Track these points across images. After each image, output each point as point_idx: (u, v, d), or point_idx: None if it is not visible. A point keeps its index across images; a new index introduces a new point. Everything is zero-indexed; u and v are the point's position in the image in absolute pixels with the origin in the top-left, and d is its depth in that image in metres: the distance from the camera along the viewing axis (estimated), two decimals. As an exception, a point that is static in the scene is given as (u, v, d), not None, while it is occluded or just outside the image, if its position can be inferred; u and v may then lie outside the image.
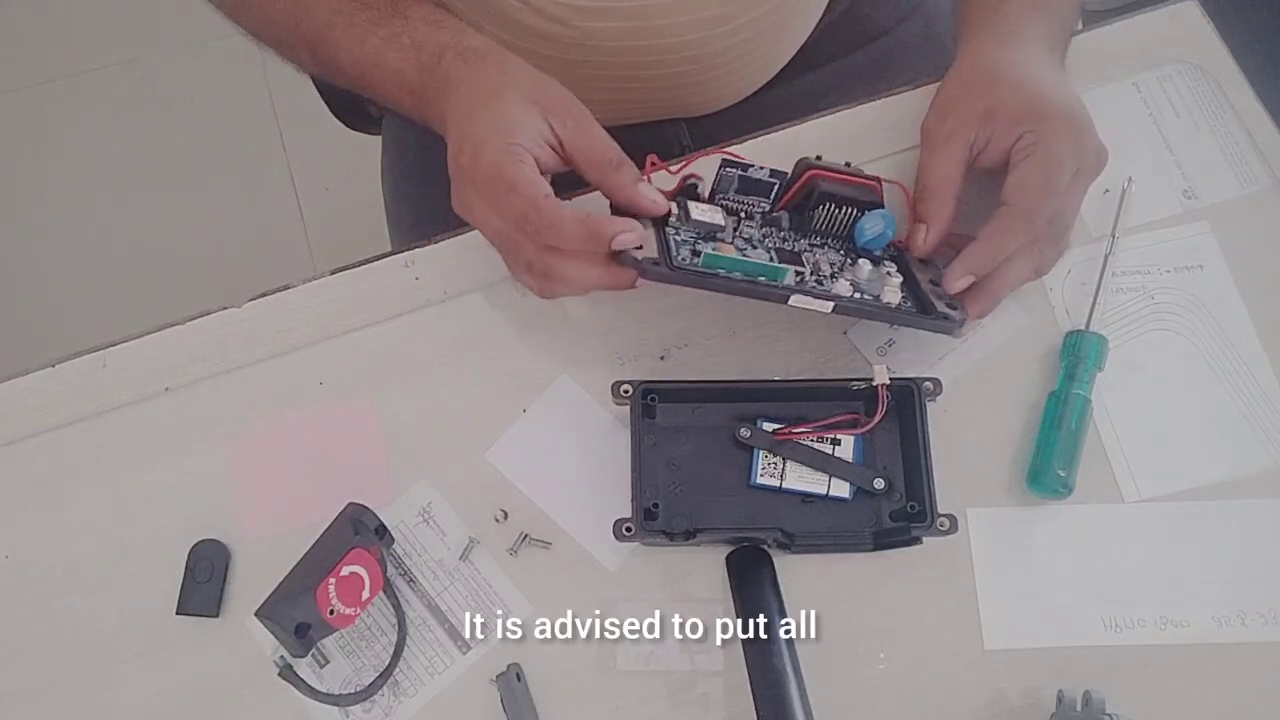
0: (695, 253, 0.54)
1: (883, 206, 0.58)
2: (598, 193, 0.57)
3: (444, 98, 0.57)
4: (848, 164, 0.58)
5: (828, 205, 0.57)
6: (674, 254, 0.54)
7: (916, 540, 0.57)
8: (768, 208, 0.59)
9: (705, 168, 0.58)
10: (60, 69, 1.69)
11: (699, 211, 0.56)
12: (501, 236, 0.55)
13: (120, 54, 1.70)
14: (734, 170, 0.56)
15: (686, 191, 0.57)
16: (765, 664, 0.54)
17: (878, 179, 0.59)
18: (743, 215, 0.59)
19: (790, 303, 0.54)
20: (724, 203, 0.58)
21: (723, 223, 0.56)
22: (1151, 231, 0.67)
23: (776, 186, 0.57)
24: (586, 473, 0.61)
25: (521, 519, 0.60)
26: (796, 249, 0.58)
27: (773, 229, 0.59)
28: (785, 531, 0.57)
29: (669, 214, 0.56)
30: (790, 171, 0.58)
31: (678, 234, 0.55)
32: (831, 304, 0.54)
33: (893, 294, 0.55)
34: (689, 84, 0.73)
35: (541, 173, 0.54)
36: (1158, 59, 0.71)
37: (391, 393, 0.63)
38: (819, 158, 0.57)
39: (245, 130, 1.65)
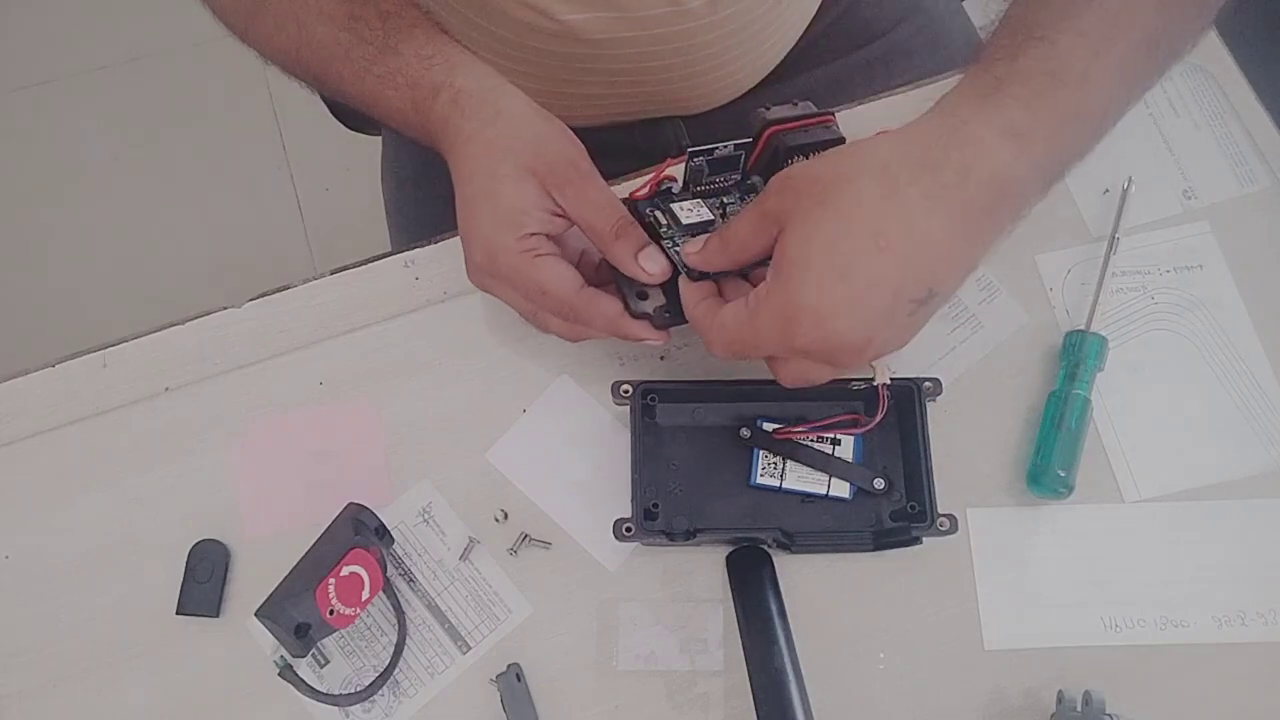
0: None
1: (844, 140, 0.56)
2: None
3: (443, 141, 0.57)
4: (795, 102, 0.56)
5: (797, 158, 0.55)
6: (680, 268, 0.54)
7: (916, 540, 0.57)
8: (739, 177, 0.57)
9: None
10: (60, 69, 1.69)
11: (685, 214, 0.55)
12: (528, 312, 0.57)
13: (120, 54, 1.70)
14: (700, 159, 0.55)
15: (664, 196, 0.57)
16: (765, 664, 0.54)
17: (831, 113, 0.56)
18: (723, 198, 0.57)
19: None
20: (700, 190, 0.57)
21: (711, 215, 0.56)
22: (1151, 231, 0.67)
23: (743, 156, 0.56)
24: (586, 473, 0.61)
25: (521, 519, 0.60)
26: None
27: (752, 194, 0.58)
28: (785, 531, 0.57)
29: (661, 224, 0.56)
30: (752, 136, 0.56)
31: (675, 245, 0.55)
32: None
33: None
34: (679, 78, 0.73)
35: (555, 241, 0.55)
36: (1158, 59, 0.71)
37: (391, 393, 0.63)
38: (769, 107, 0.55)
39: (245, 130, 1.65)
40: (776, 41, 0.77)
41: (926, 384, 0.58)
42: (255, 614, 0.54)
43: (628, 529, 0.56)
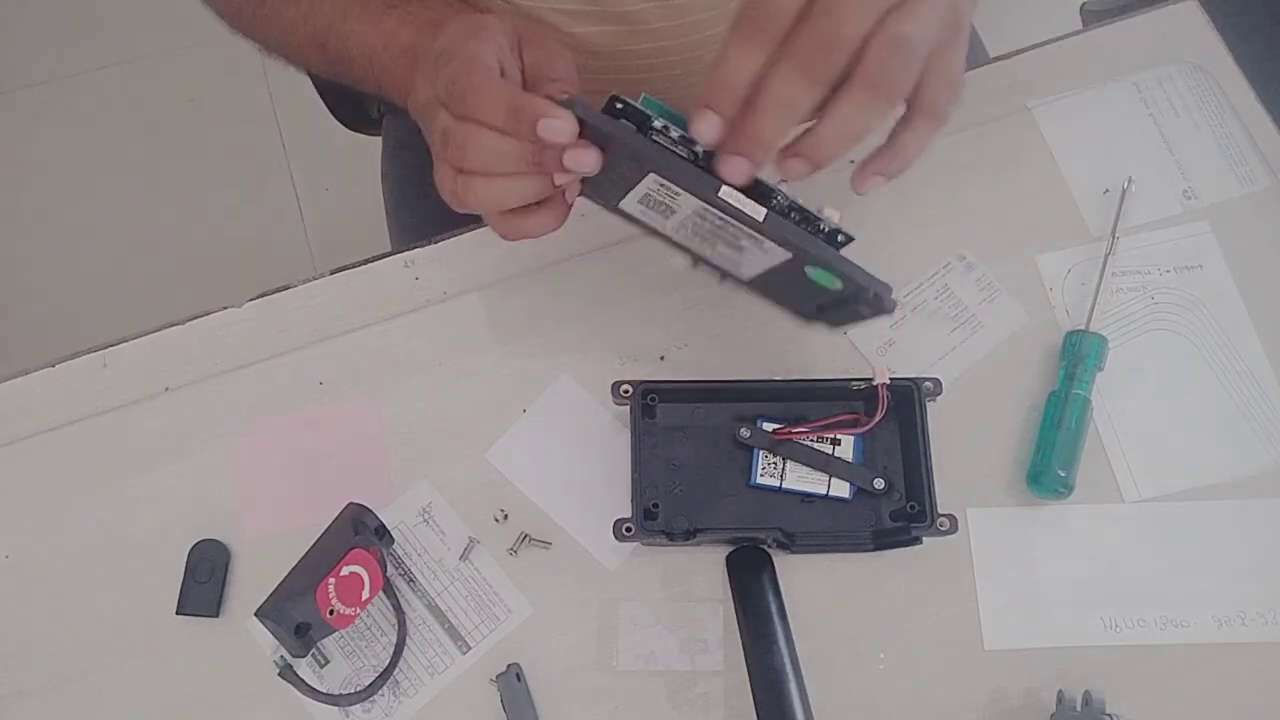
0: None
1: None
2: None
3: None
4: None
5: None
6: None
7: (916, 540, 0.57)
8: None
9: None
10: (60, 69, 1.69)
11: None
12: (428, 114, 0.49)
13: (120, 54, 1.70)
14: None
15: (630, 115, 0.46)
16: (765, 664, 0.54)
17: None
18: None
19: (721, 194, 0.45)
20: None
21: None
22: (1151, 231, 0.67)
23: None
24: (586, 473, 0.61)
25: (521, 519, 0.60)
26: None
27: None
28: (785, 531, 0.57)
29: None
30: None
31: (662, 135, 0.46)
32: (764, 212, 0.45)
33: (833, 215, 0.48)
34: (684, 86, 0.73)
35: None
36: (1158, 59, 0.71)
37: (391, 393, 0.63)
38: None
39: (245, 130, 1.65)
40: None
41: (926, 384, 0.58)
42: (255, 614, 0.54)
43: (628, 529, 0.55)
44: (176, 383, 0.63)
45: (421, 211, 0.87)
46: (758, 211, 0.45)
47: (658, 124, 0.45)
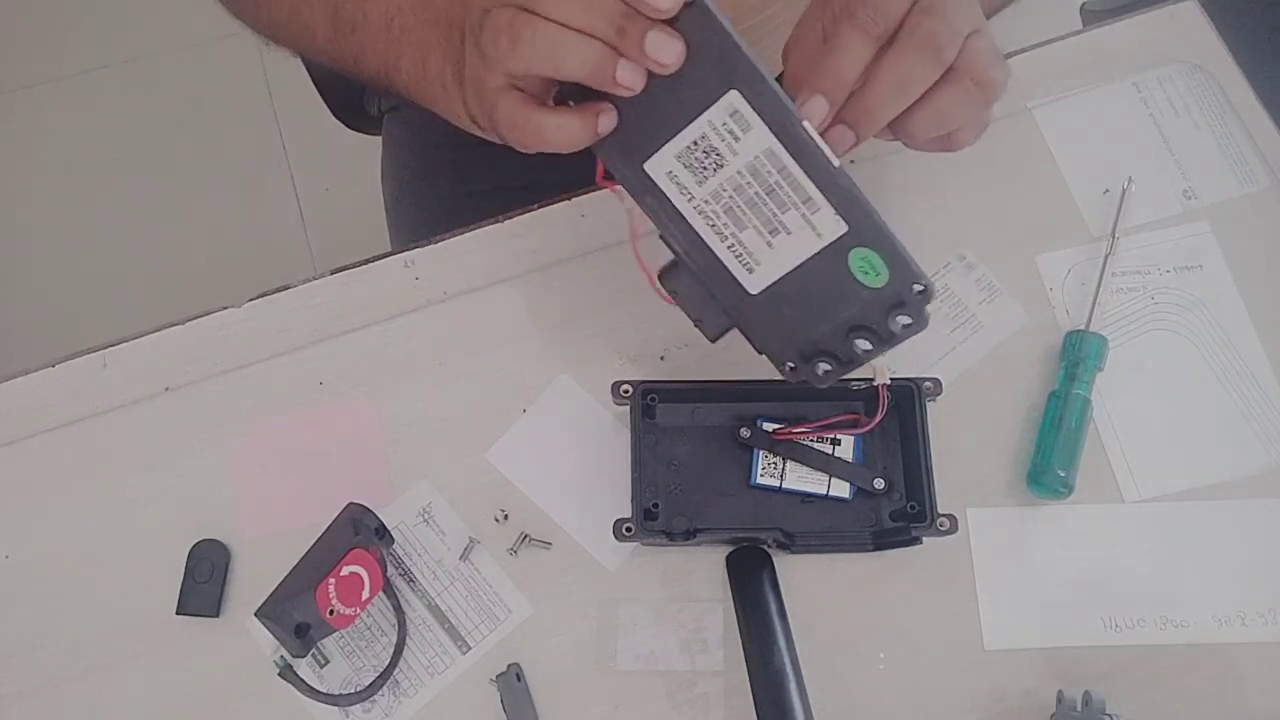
0: None
1: None
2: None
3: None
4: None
5: None
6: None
7: (916, 540, 0.57)
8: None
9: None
10: (60, 69, 1.69)
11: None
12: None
13: (120, 54, 1.70)
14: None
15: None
16: (765, 664, 0.54)
17: None
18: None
19: (803, 125, 0.43)
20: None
21: None
22: (1151, 231, 0.67)
23: None
24: (586, 473, 0.61)
25: (521, 519, 0.60)
26: None
27: None
28: (785, 531, 0.57)
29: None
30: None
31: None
32: (839, 162, 0.44)
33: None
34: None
35: None
36: (1158, 59, 0.71)
37: (391, 393, 0.63)
38: None
39: (245, 130, 1.65)
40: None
41: (926, 384, 0.58)
42: (255, 614, 0.54)
43: (628, 529, 0.55)
44: (176, 383, 0.63)
45: (421, 211, 0.87)
46: (833, 158, 0.43)
47: (744, 43, 0.42)
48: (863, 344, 0.49)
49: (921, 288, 0.46)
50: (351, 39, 0.58)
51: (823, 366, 0.50)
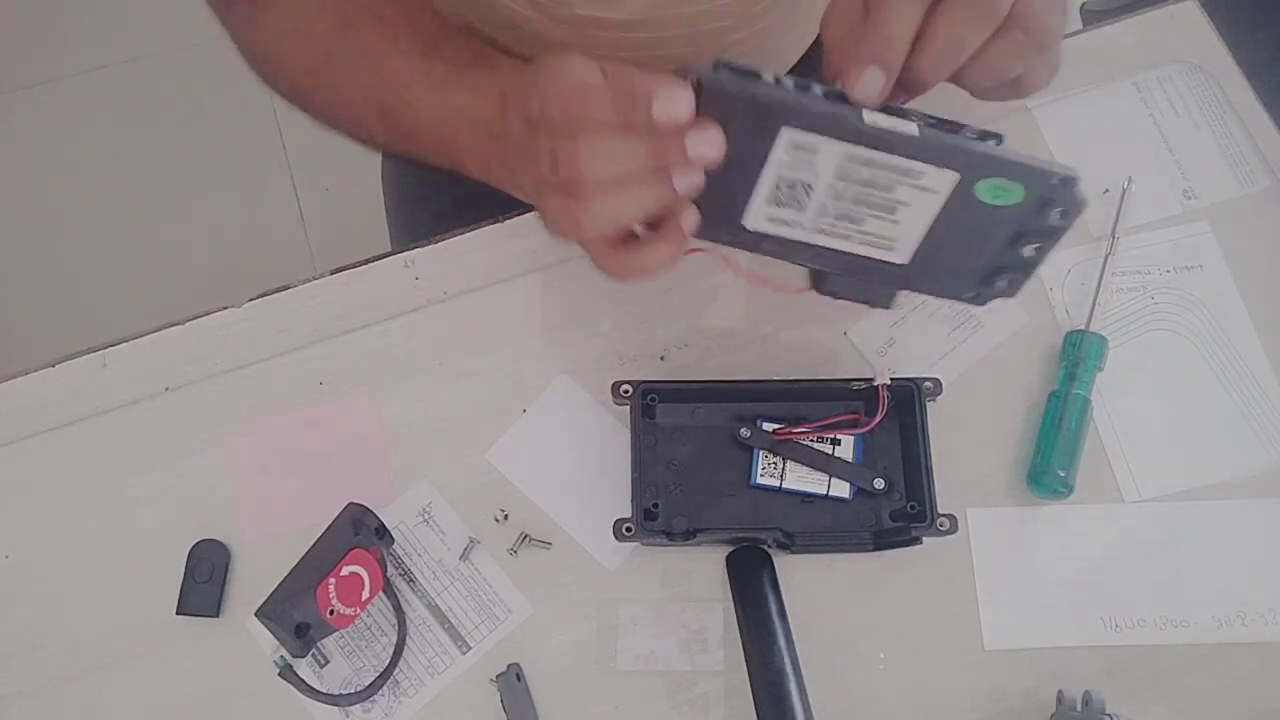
0: None
1: None
2: None
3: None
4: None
5: None
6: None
7: (916, 540, 0.57)
8: None
9: None
10: (60, 69, 1.69)
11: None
12: (525, 161, 0.45)
13: (120, 54, 1.70)
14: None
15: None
16: (765, 664, 0.54)
17: None
18: None
19: (867, 122, 0.42)
20: None
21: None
22: (1151, 231, 0.67)
23: None
24: (586, 473, 0.61)
25: (521, 519, 0.60)
26: None
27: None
28: (785, 531, 0.57)
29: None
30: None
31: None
32: (915, 125, 0.43)
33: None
34: (729, 44, 0.72)
35: None
36: (1158, 59, 0.71)
37: (391, 393, 0.63)
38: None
39: (245, 130, 1.65)
40: (797, 37, 0.77)
41: (926, 384, 0.58)
42: (255, 614, 0.54)
43: (628, 529, 0.56)
44: (176, 383, 0.63)
45: (421, 211, 0.87)
46: (909, 128, 0.42)
47: (767, 77, 0.41)
48: (1029, 249, 0.48)
49: (1059, 179, 0.44)
50: (410, 142, 0.57)
51: (1001, 283, 0.50)
